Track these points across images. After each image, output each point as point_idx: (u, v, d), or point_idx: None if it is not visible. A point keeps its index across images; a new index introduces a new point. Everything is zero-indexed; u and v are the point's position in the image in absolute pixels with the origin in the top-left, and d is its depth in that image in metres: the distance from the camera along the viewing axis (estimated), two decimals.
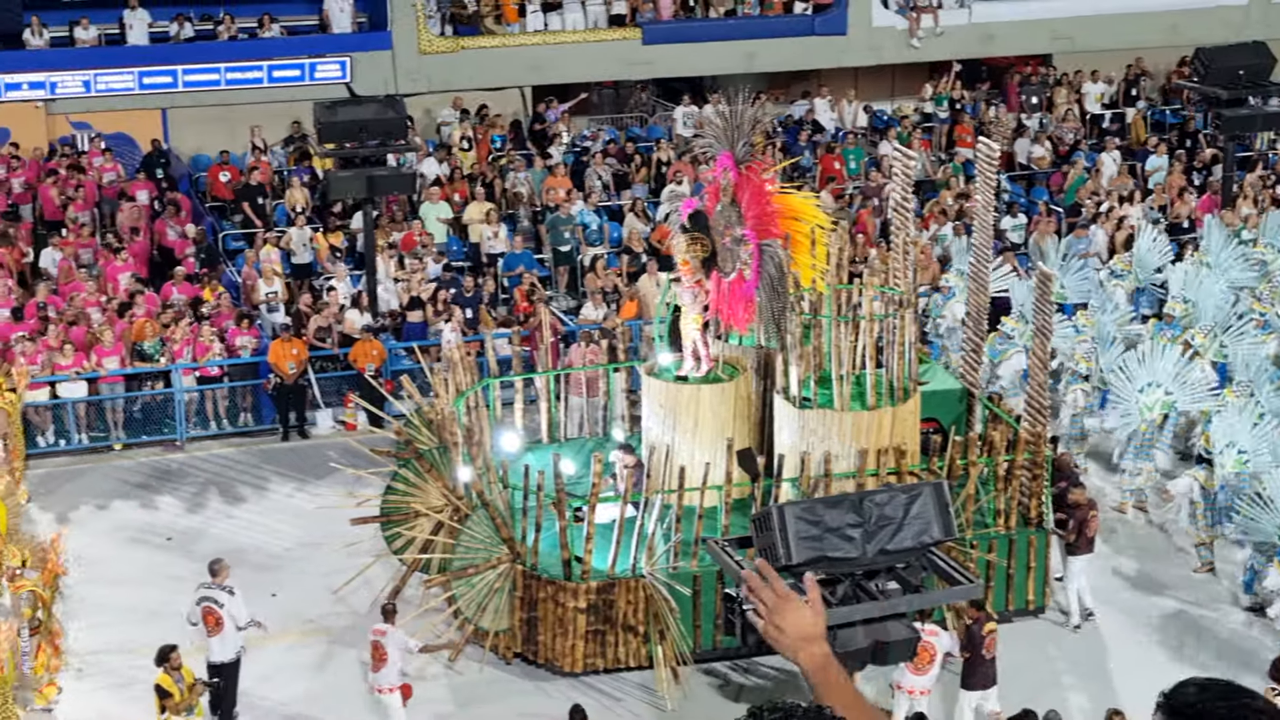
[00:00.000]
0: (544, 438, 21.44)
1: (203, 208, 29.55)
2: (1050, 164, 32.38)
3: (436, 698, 17.94)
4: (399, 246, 27.55)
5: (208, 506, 22.58)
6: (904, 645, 13.83)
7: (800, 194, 19.50)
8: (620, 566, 17.95)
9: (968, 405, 20.20)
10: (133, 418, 24.65)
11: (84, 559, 20.91)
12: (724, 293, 19.02)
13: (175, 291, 25.91)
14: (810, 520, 13.56)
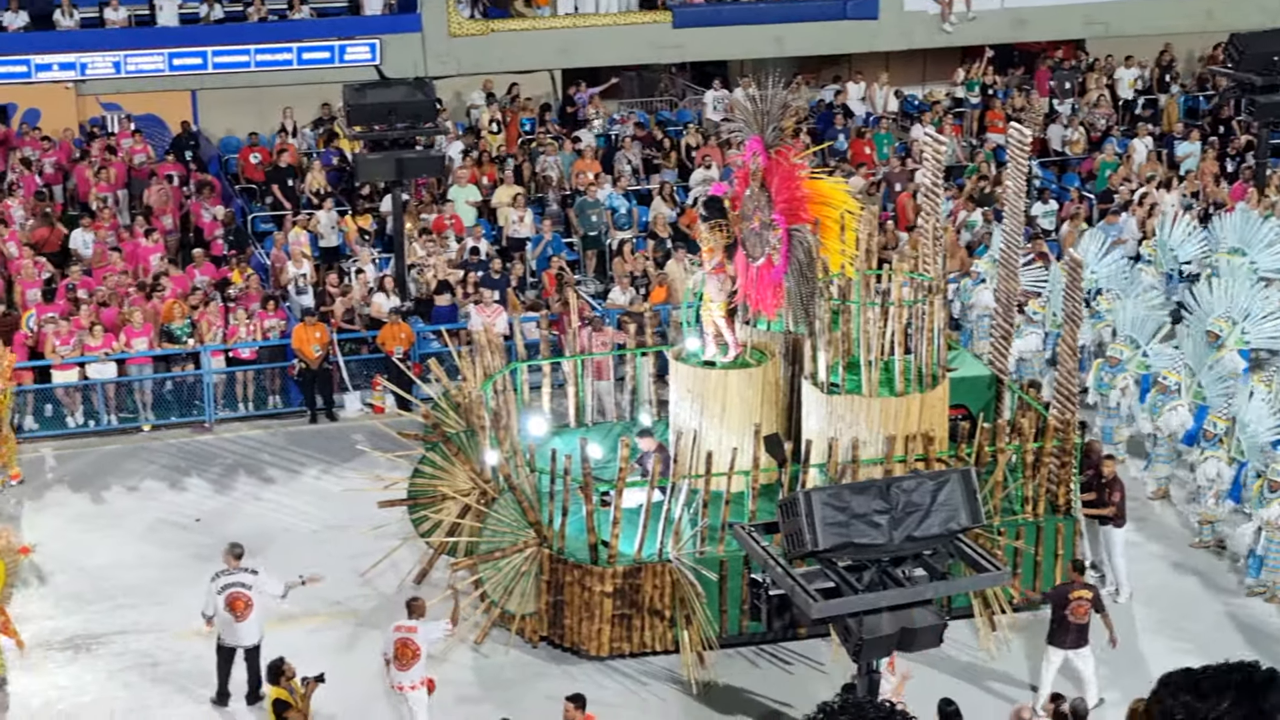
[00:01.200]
0: (571, 422, 21.42)
1: (232, 189, 29.59)
2: (1083, 150, 32.21)
3: (462, 680, 17.96)
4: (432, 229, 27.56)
5: (235, 488, 22.64)
6: (930, 632, 13.78)
7: (830, 179, 19.41)
8: (647, 551, 17.94)
9: (997, 392, 20.11)
10: (162, 399, 24.71)
11: (112, 539, 21.06)
12: (752, 278, 18.96)
13: (198, 274, 25.94)
14: (837, 506, 13.50)
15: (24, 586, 19.93)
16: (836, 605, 13.38)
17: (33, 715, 17.42)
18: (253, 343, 24.62)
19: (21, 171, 28.63)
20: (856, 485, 14.59)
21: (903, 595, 13.48)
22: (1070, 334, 18.93)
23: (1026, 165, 20.68)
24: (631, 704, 17.57)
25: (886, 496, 13.60)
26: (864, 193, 28.36)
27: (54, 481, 22.83)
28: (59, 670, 18.14)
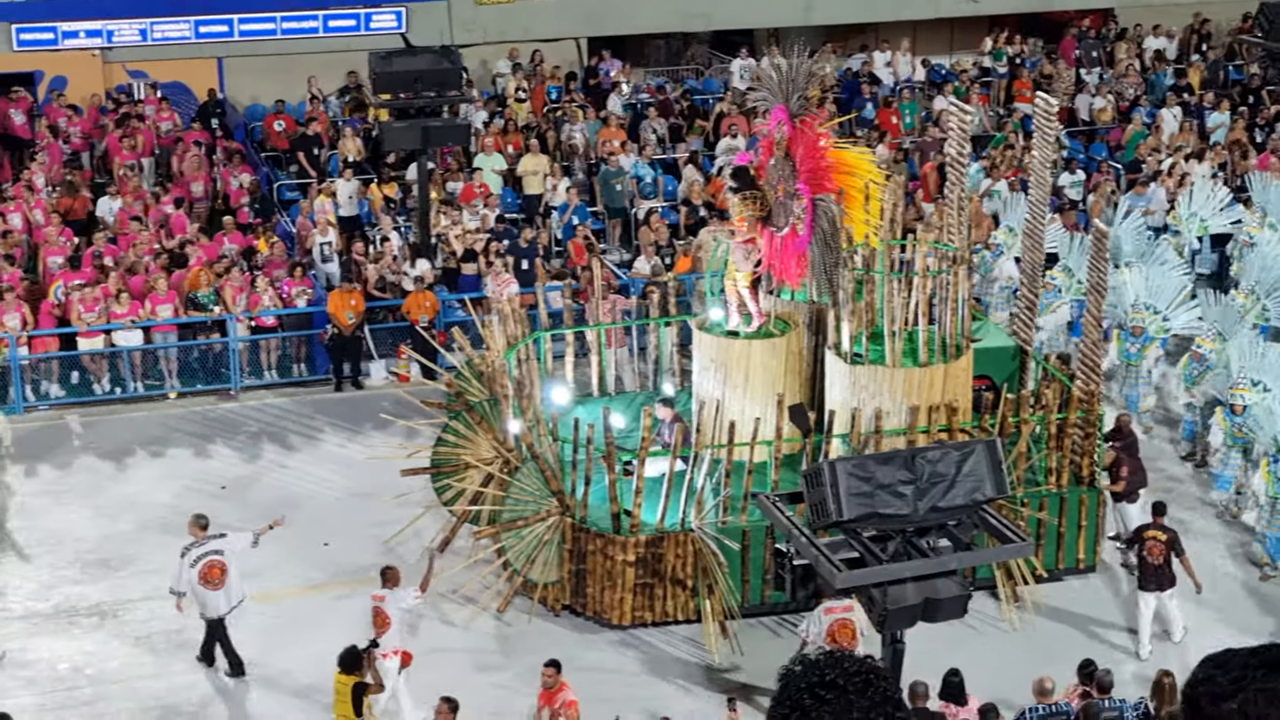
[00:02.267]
0: (594, 391, 21.43)
1: (258, 157, 29.61)
2: (1111, 119, 32.02)
3: (484, 648, 18.02)
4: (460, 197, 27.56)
5: (260, 456, 22.69)
6: (954, 603, 13.78)
7: (855, 148, 19.33)
8: (669, 521, 17.95)
9: (1021, 362, 20.05)
10: (188, 366, 24.79)
11: (137, 505, 21.15)
12: (777, 248, 18.90)
13: (226, 241, 25.99)
14: (862, 476, 13.49)
15: (49, 553, 20.00)
16: (861, 575, 13.38)
17: (59, 680, 17.53)
18: (276, 310, 24.66)
19: (48, 139, 28.68)
20: (881, 456, 14.57)
21: (927, 566, 13.47)
22: (1095, 304, 18.85)
23: (1053, 135, 20.57)
24: (654, 673, 17.61)
25: (911, 467, 13.59)
26: (890, 162, 28.26)
27: (80, 448, 22.89)
28: (85, 636, 18.22)
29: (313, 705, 17.00)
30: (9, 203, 26.47)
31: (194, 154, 28.39)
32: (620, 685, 17.29)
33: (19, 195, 26.70)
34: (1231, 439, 20.22)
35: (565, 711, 15.15)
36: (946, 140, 23.38)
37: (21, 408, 23.78)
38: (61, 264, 25.02)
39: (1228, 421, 20.20)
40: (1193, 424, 21.80)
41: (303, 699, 17.18)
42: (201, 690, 17.37)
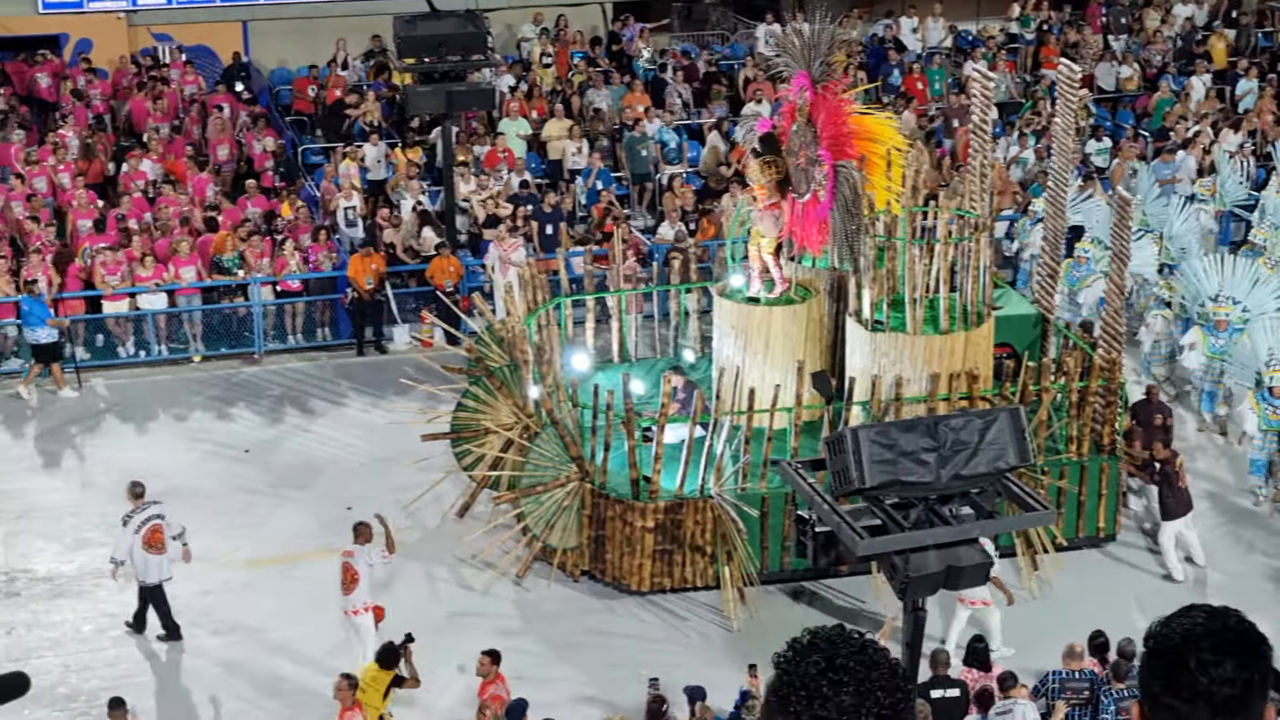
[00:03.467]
0: (615, 357, 21.43)
1: (282, 122, 29.61)
2: (1137, 87, 31.82)
3: (503, 613, 18.07)
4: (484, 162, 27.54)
5: (284, 419, 22.75)
6: (976, 570, 13.77)
7: (877, 114, 19.26)
8: (688, 487, 17.96)
9: (1042, 330, 19.99)
10: (211, 330, 24.87)
11: (161, 468, 21.24)
12: (798, 214, 18.87)
13: (250, 205, 26.03)
14: (884, 444, 13.46)
15: (73, 515, 20.12)
16: (883, 543, 13.36)
17: (84, 641, 17.66)
18: (300, 274, 24.71)
19: (73, 103, 28.73)
20: (904, 423, 14.55)
21: (949, 533, 13.47)
22: (1118, 273, 18.78)
23: (1076, 102, 20.45)
24: (673, 639, 17.65)
25: (934, 434, 13.56)
26: (916, 129, 28.15)
27: (105, 411, 22.97)
28: (110, 598, 18.30)
29: (333, 669, 17.07)
30: (35, 166, 26.53)
31: (217, 119, 28.40)
32: (638, 651, 17.33)
33: (44, 158, 26.75)
34: (1266, 422, 20.00)
35: (490, 705, 14.93)
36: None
37: (45, 371, 23.86)
38: (89, 228, 25.09)
39: (1261, 405, 20.03)
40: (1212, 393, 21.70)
41: (323, 663, 17.25)
42: (225, 653, 17.47)
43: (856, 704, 3.32)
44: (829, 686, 3.34)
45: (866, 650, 3.40)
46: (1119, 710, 14.79)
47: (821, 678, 3.34)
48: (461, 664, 15.82)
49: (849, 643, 3.41)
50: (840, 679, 3.34)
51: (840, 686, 3.33)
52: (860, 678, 3.34)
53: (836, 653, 3.38)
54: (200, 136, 28.51)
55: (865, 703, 3.33)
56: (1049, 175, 20.90)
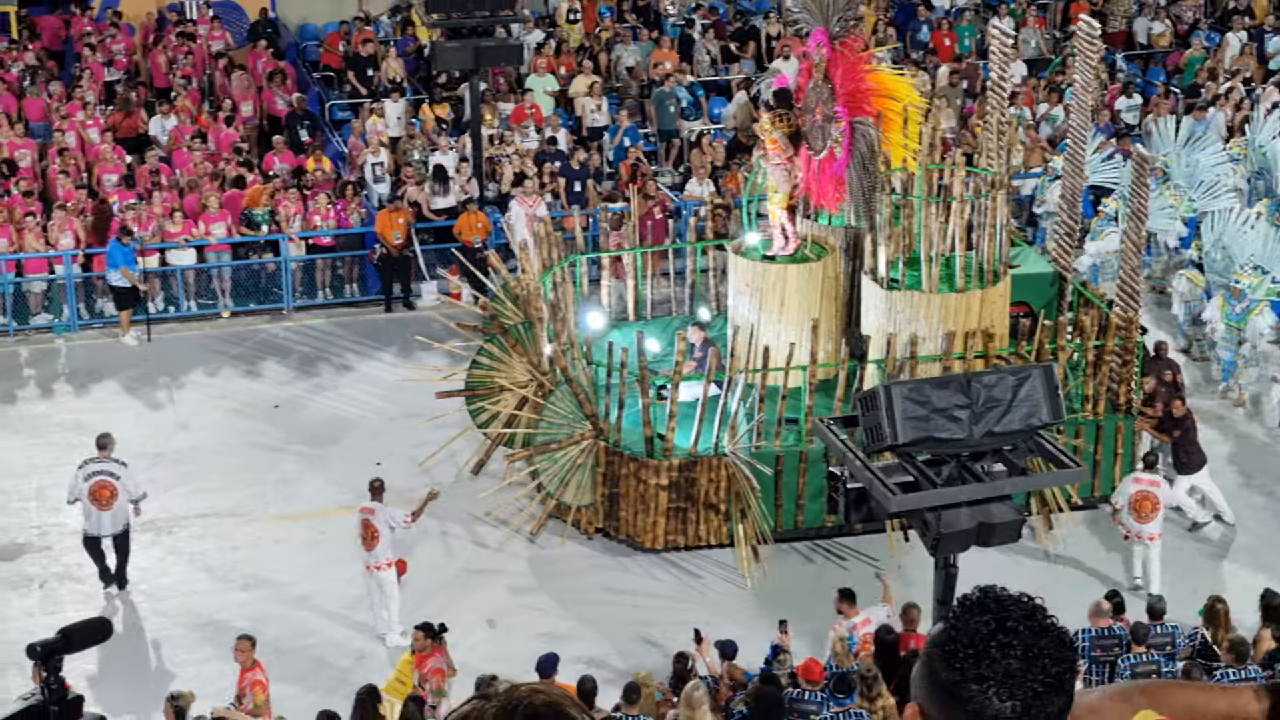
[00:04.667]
0: (630, 315, 21.42)
1: (309, 77, 29.69)
2: (1169, 43, 31.60)
3: (516, 571, 18.16)
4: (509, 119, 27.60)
5: (312, 376, 22.81)
6: (1008, 528, 13.84)
7: (894, 71, 19.22)
8: (703, 445, 17.99)
9: (1059, 289, 19.95)
10: (240, 285, 25.08)
11: (189, 424, 21.50)
12: (814, 171, 18.83)
13: (278, 161, 26.19)
14: (917, 400, 13.54)
15: None
16: (915, 499, 13.45)
17: (114, 596, 17.92)
18: (328, 230, 24.88)
19: (99, 58, 28.86)
20: (937, 380, 14.62)
21: (982, 490, 13.55)
22: (1135, 230, 18.75)
23: (1095, 58, 20.37)
24: (686, 597, 17.70)
25: (967, 391, 13.63)
26: (948, 85, 28.07)
27: (133, 366, 23.04)
28: (140, 552, 18.41)
29: (360, 624, 17.29)
30: (64, 120, 26.72)
31: (242, 75, 28.52)
32: (652, 609, 17.40)
33: (73, 113, 26.94)
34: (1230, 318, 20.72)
35: (431, 678, 14.84)
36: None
37: (76, 325, 24.16)
38: (116, 182, 25.29)
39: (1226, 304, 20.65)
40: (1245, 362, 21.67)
41: (350, 617, 17.43)
42: (255, 608, 17.58)
43: (1023, 669, 3.29)
44: (997, 648, 3.30)
45: (1036, 615, 3.35)
46: (1134, 676, 14.50)
47: (991, 639, 3.31)
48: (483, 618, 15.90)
49: (1020, 605, 3.36)
50: (1009, 641, 3.30)
51: (1008, 649, 3.30)
52: (1029, 643, 3.30)
53: (1007, 615, 3.34)
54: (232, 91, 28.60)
55: (1032, 669, 3.29)
56: (1069, 132, 20.83)
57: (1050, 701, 3.32)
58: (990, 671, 3.30)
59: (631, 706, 13.60)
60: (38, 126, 26.95)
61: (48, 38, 29.73)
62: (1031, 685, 3.30)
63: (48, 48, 29.49)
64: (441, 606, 17.14)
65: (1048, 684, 3.30)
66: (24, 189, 24.65)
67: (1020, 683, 3.30)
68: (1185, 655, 14.79)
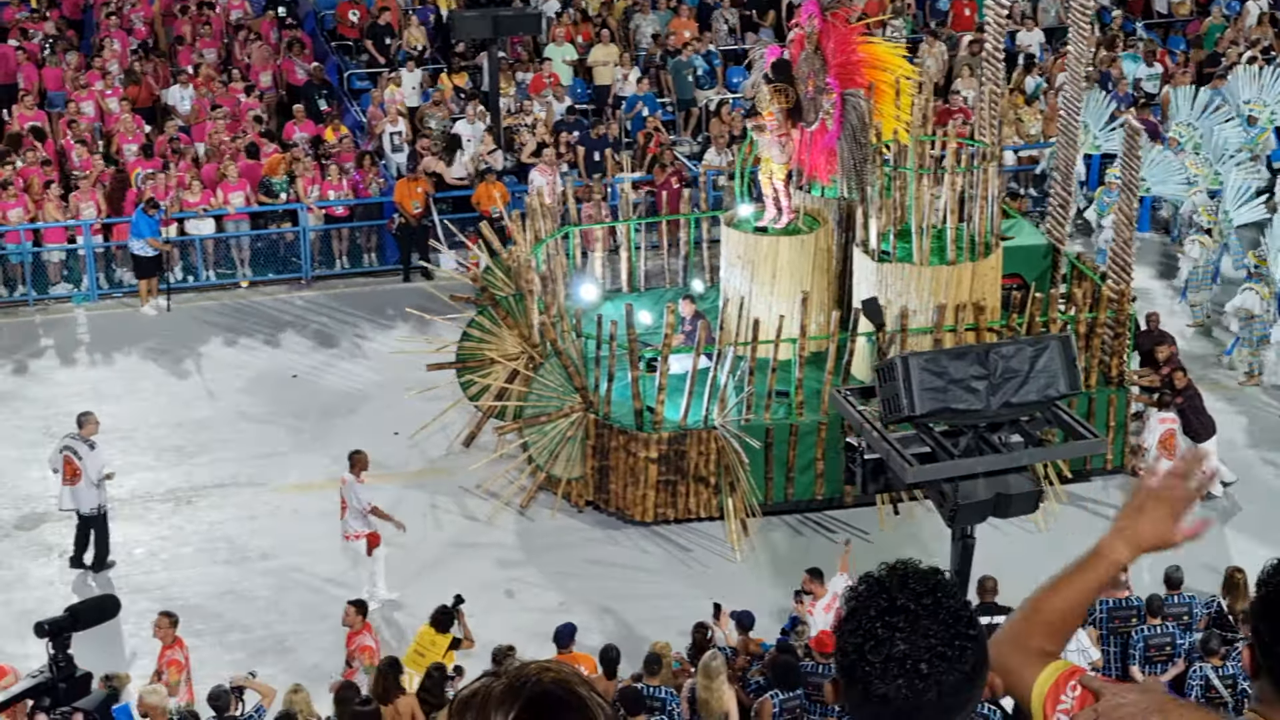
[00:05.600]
0: (624, 287, 21.34)
1: (328, 46, 29.65)
2: (1189, 11, 31.42)
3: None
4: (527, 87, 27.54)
5: (330, 345, 22.86)
6: (1025, 498, 13.88)
7: (885, 42, 19.04)
8: (692, 418, 17.92)
9: (1053, 261, 19.81)
10: (259, 255, 25.09)
11: (209, 393, 21.57)
12: (806, 142, 18.77)
13: (297, 130, 26.18)
14: (935, 371, 13.59)
15: (124, 439, 20.46)
16: (932, 470, 13.50)
17: (135, 564, 17.96)
18: (346, 200, 24.88)
19: (118, 27, 28.84)
20: (955, 350, 14.67)
21: (999, 461, 13.57)
22: (1126, 203, 18.67)
23: (1088, 29, 20.32)
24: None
25: (985, 362, 13.67)
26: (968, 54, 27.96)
27: (152, 335, 23.16)
28: (161, 521, 18.63)
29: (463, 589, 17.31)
30: (82, 90, 26.73)
31: (261, 45, 28.48)
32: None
33: (92, 82, 26.94)
34: None
35: (359, 655, 14.87)
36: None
37: (95, 295, 24.22)
38: (135, 152, 25.30)
39: None
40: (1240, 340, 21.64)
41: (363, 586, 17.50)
42: (276, 577, 17.71)
43: (908, 651, 3.30)
44: (884, 629, 3.32)
45: (934, 594, 3.35)
46: (1148, 647, 14.65)
47: (879, 619, 3.33)
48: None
49: (918, 582, 3.36)
50: (896, 622, 3.32)
51: (895, 630, 3.32)
52: (915, 625, 3.32)
53: (900, 593, 3.35)
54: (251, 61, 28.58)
55: (917, 650, 3.30)
56: (1062, 103, 20.74)
57: (943, 677, 3.31)
58: (874, 655, 3.33)
59: (652, 677, 13.68)
60: (56, 96, 26.95)
61: (67, 6, 29.72)
62: (916, 667, 3.30)
63: (67, 17, 29.46)
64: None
65: (934, 664, 3.30)
66: (40, 158, 24.65)
67: (902, 665, 3.31)
68: (1202, 625, 14.83)
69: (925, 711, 3.33)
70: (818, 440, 18.02)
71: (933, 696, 3.32)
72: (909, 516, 18.04)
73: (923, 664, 3.30)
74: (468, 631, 15.45)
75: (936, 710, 3.34)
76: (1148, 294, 23.13)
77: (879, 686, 3.33)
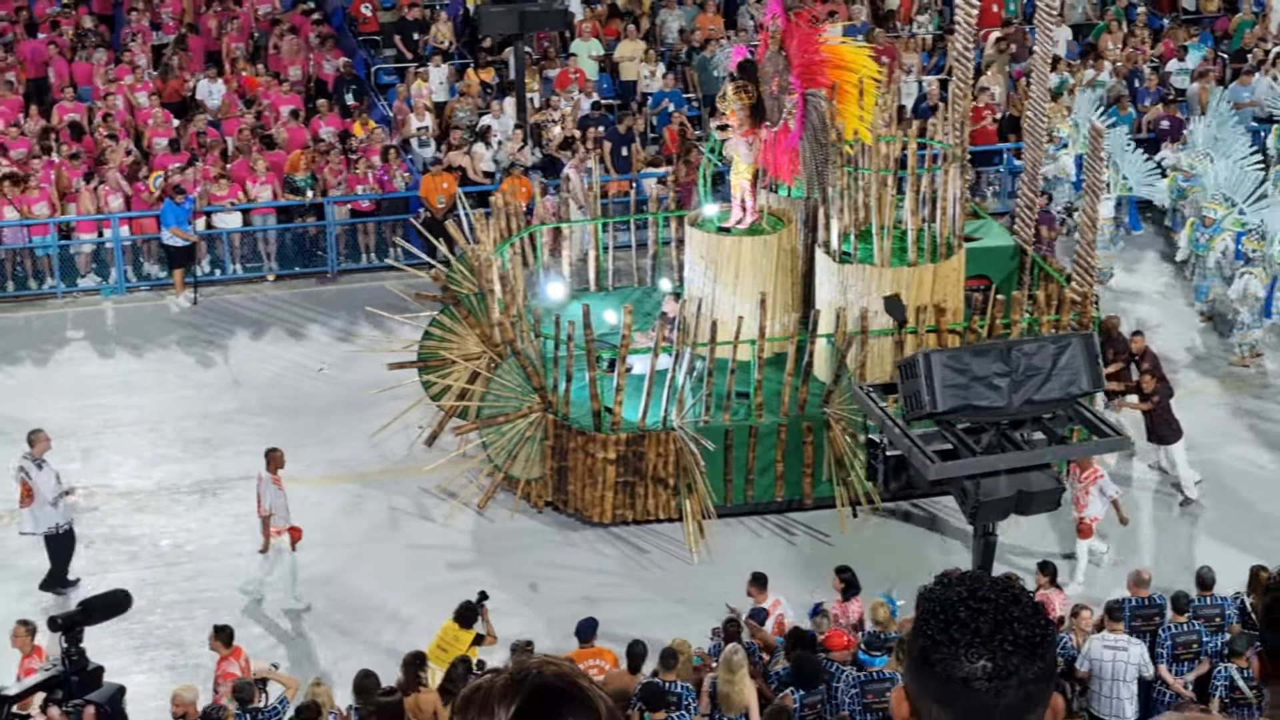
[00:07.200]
0: (591, 286, 21.26)
1: (355, 41, 29.72)
2: (1218, 8, 31.31)
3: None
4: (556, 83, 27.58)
5: (356, 339, 22.92)
6: (1047, 496, 13.86)
7: (851, 42, 18.91)
8: (651, 419, 17.84)
9: (1020, 262, 19.65)
10: (285, 248, 25.18)
11: (236, 385, 21.65)
12: (770, 142, 18.68)
13: (324, 125, 26.26)
14: (957, 368, 13.56)
15: (151, 431, 20.57)
16: (954, 467, 13.48)
17: (161, 556, 18.10)
18: (372, 194, 24.94)
19: (146, 21, 28.96)
20: (977, 347, 14.65)
21: (1021, 459, 13.56)
22: (1090, 205, 18.49)
23: (1053, 29, 20.22)
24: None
25: (1007, 359, 13.65)
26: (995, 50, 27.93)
27: (180, 328, 23.33)
28: (187, 514, 18.77)
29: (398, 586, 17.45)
30: (112, 84, 26.85)
31: (291, 38, 28.57)
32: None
33: (121, 76, 27.06)
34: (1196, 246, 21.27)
35: (222, 683, 14.63)
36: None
37: (124, 287, 24.35)
38: (164, 146, 25.42)
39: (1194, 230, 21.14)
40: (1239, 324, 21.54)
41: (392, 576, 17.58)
42: (330, 565, 17.80)
43: (992, 630, 3.34)
44: (967, 613, 3.36)
45: (1011, 589, 3.42)
46: (1175, 645, 14.55)
47: (961, 605, 3.37)
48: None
49: (995, 580, 3.44)
50: (980, 607, 3.36)
51: (979, 614, 3.36)
52: (1000, 608, 3.36)
53: (979, 586, 3.41)
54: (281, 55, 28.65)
55: (1001, 630, 3.34)
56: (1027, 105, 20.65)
57: (1023, 666, 3.33)
58: (959, 634, 3.34)
59: (669, 672, 13.70)
60: (85, 90, 27.09)
61: (97, 2, 29.83)
62: (1002, 646, 3.32)
63: (97, 12, 29.58)
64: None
65: (1019, 646, 3.33)
66: (70, 153, 24.78)
67: (989, 643, 3.33)
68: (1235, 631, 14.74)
69: (1002, 710, 3.33)
70: (777, 442, 17.91)
71: (1013, 685, 3.32)
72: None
73: (1008, 644, 3.32)
74: (491, 627, 15.45)
75: (1013, 710, 3.34)
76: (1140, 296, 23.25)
77: (962, 666, 3.33)
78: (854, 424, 17.71)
